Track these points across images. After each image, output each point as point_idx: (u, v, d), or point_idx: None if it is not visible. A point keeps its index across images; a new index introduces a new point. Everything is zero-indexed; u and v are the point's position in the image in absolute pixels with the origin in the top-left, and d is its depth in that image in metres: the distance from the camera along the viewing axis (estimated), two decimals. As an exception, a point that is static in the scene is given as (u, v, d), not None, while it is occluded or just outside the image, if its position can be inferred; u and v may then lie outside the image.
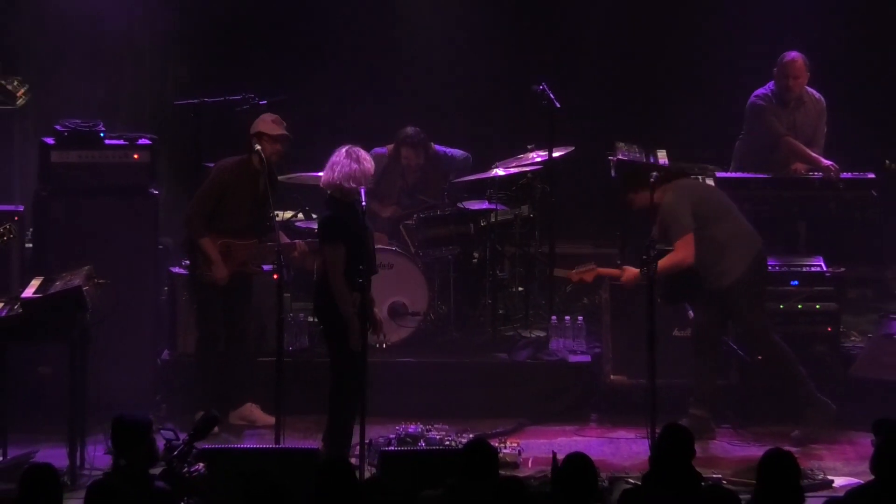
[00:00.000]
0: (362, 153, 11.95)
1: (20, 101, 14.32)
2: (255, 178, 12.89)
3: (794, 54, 14.08)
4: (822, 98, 14.19)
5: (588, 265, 12.90)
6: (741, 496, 8.82)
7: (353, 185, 11.67)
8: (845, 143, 14.34)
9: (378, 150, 14.24)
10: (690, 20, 15.22)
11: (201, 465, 10.02)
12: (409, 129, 14.33)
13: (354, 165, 11.78)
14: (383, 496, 8.64)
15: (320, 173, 13.15)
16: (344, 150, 11.78)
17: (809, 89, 14.16)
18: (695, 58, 15.02)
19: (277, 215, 13.42)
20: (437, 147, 14.47)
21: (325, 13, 15.10)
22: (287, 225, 13.55)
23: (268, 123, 12.86)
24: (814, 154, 14.08)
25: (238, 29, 14.88)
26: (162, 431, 10.23)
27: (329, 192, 11.78)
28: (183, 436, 10.29)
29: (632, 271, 12.66)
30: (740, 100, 14.28)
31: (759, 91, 14.20)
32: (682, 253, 12.41)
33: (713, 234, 12.57)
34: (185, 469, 9.78)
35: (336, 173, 11.67)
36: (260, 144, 12.81)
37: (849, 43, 15.01)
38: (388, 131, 14.36)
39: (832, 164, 14.05)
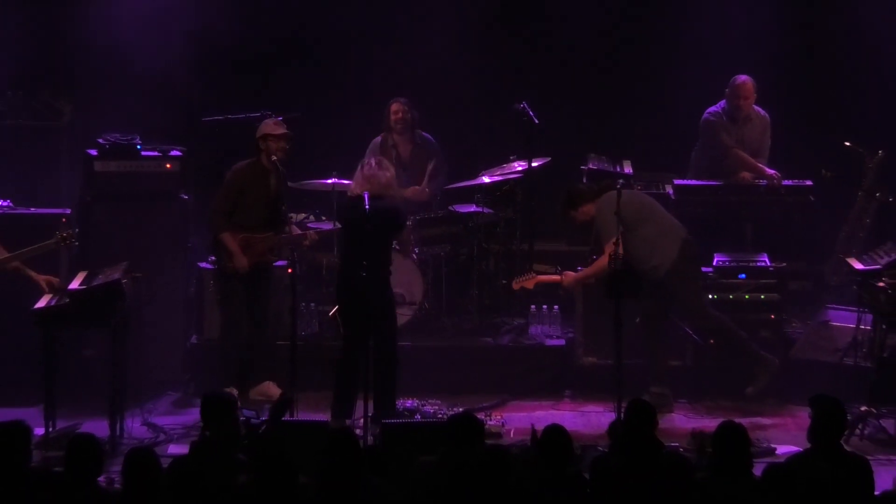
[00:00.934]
0: (365, 163, 12.15)
1: (65, 118, 14.33)
2: (267, 177, 12.95)
3: (744, 77, 14.10)
4: (767, 115, 14.23)
5: (528, 275, 12.99)
6: (696, 462, 8.93)
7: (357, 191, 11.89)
8: (787, 154, 14.33)
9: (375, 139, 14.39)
10: (653, 47, 15.17)
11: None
12: (400, 98, 14.38)
13: (357, 173, 12.00)
14: (383, 462, 8.67)
15: (328, 180, 13.34)
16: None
17: (756, 107, 14.20)
18: (657, 80, 14.97)
19: (292, 217, 13.48)
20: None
21: (331, 41, 15.07)
22: (300, 225, 13.55)
23: (270, 125, 12.94)
24: (759, 164, 14.12)
25: (256, 56, 14.87)
26: (244, 411, 10.25)
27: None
28: (264, 416, 10.36)
29: (570, 275, 12.75)
30: (695, 116, 14.29)
31: (712, 109, 14.22)
32: (602, 263, 12.45)
33: (642, 235, 12.59)
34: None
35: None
36: (265, 145, 12.88)
37: (789, 68, 14.98)
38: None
39: (775, 173, 14.09)
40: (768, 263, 13.60)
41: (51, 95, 14.37)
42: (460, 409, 11.52)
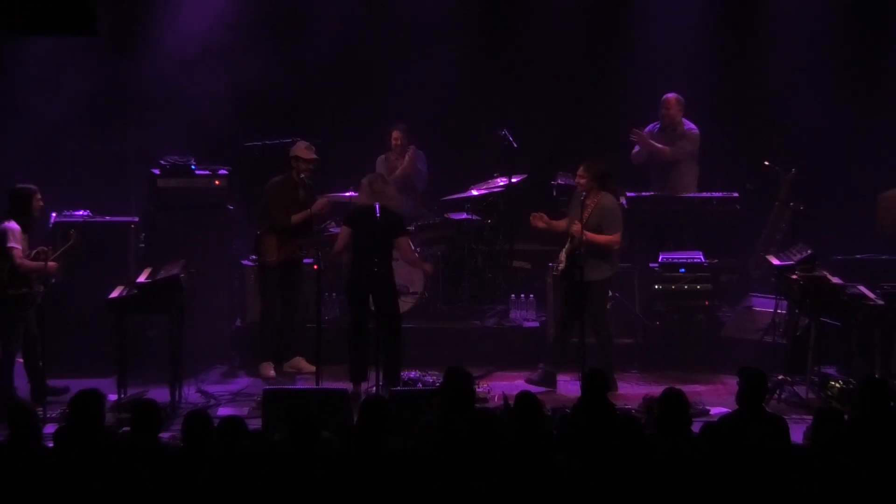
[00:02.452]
0: (373, 179, 12.38)
1: (133, 144, 14.33)
2: (296, 189, 12.95)
3: (669, 94, 14.15)
4: (696, 128, 14.19)
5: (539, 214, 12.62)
6: (644, 421, 8.94)
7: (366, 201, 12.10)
8: (718, 171, 14.33)
9: (380, 157, 14.39)
10: (613, 80, 15.11)
11: None
12: (399, 123, 14.36)
13: (364, 185, 12.34)
14: (392, 421, 8.67)
15: (345, 193, 13.35)
16: None
17: (686, 121, 14.19)
18: (613, 111, 14.95)
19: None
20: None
21: (346, 79, 15.06)
22: (322, 229, 13.55)
23: (301, 149, 12.94)
24: (658, 146, 14.06)
25: (287, 92, 14.85)
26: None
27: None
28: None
29: (579, 228, 12.15)
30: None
31: (647, 127, 14.29)
32: (614, 240, 12.24)
33: None
34: None
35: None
36: (296, 164, 12.90)
37: (721, 100, 14.96)
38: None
39: (665, 149, 14.03)
40: (703, 260, 13.56)
41: (121, 126, 14.37)
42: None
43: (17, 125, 14.00)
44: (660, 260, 13.60)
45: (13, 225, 11.79)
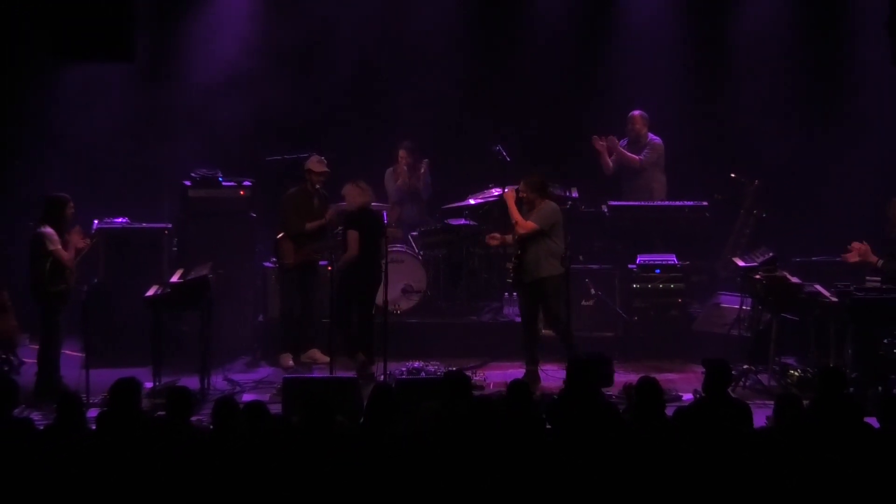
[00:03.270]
0: (364, 188, 12.55)
1: (165, 159, 14.34)
2: (310, 198, 12.95)
3: (634, 112, 14.20)
4: (660, 140, 14.20)
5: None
6: (623, 406, 8.95)
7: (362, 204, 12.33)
8: (689, 182, 14.36)
9: (388, 169, 14.43)
10: (594, 99, 15.08)
11: None
12: (405, 141, 14.39)
13: (355, 191, 12.48)
14: (397, 406, 8.68)
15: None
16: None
17: (651, 135, 14.20)
18: (597, 125, 14.85)
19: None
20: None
21: (357, 98, 15.03)
22: (335, 235, 13.54)
23: (314, 162, 12.94)
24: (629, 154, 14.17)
25: (304, 111, 14.84)
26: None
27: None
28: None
29: (510, 196, 12.19)
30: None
31: (620, 141, 14.31)
32: (527, 228, 12.02)
33: (552, 243, 12.18)
34: None
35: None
36: (309, 176, 12.90)
37: (692, 118, 14.98)
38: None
39: (639, 158, 14.12)
40: (676, 262, 13.56)
41: (156, 143, 14.37)
42: (454, 368, 11.53)
43: (65, 142, 14.02)
44: (637, 262, 13.60)
45: (49, 230, 11.85)
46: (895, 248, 12.21)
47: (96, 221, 13.29)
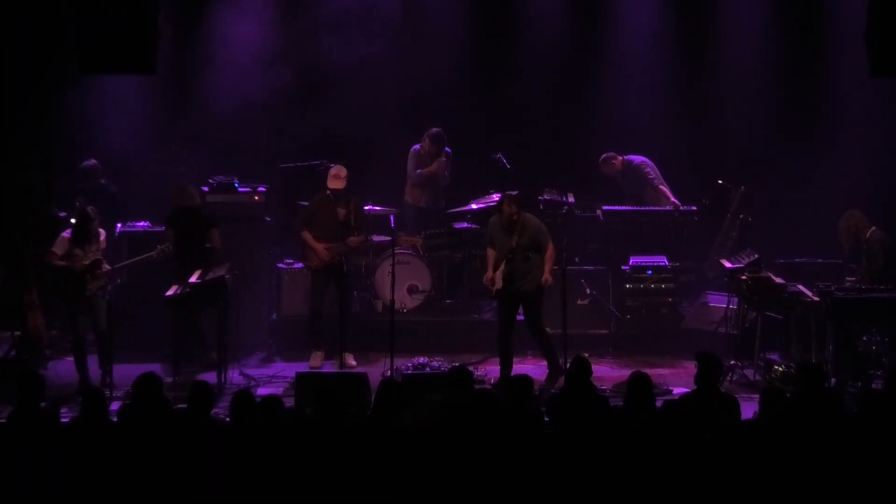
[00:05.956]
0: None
1: (185, 165, 14.31)
2: (332, 205, 12.82)
3: (602, 157, 14.19)
4: (641, 160, 14.16)
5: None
6: (617, 400, 8.95)
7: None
8: (679, 188, 14.30)
9: (415, 146, 14.30)
10: (587, 110, 15.05)
11: None
12: (433, 129, 14.19)
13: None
14: (404, 399, 8.68)
15: (365, 207, 13.27)
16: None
17: (630, 157, 14.19)
18: (593, 134, 14.94)
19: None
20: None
21: (367, 116, 14.97)
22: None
23: (330, 178, 12.82)
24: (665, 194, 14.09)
25: (318, 120, 14.78)
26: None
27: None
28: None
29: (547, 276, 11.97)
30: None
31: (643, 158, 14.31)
32: (552, 252, 11.96)
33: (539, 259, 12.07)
34: None
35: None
36: (329, 188, 12.85)
37: (681, 127, 14.95)
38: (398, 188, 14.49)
39: (675, 202, 13.99)
40: (667, 263, 13.58)
41: (177, 151, 14.37)
42: (457, 364, 11.53)
43: (92, 151, 14.00)
44: (630, 263, 13.61)
45: (66, 234, 11.92)
46: (861, 257, 12.23)
47: (119, 225, 13.29)
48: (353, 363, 12.52)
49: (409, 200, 14.29)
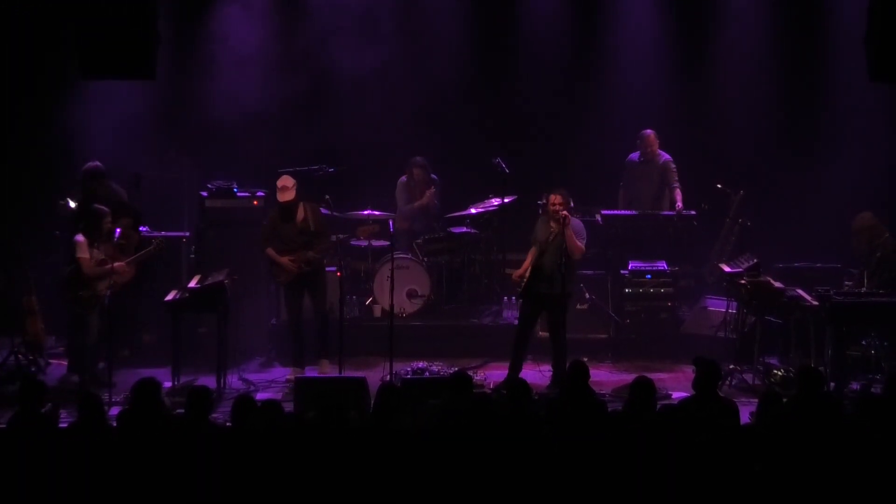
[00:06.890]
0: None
1: (184, 171, 14.30)
2: (288, 215, 12.57)
3: (646, 131, 14.12)
4: (669, 157, 14.09)
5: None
6: (617, 406, 8.94)
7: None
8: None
9: (402, 178, 14.28)
10: (587, 116, 15.05)
11: None
12: (418, 158, 14.22)
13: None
14: (404, 403, 8.67)
15: (363, 211, 13.23)
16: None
17: (661, 152, 14.14)
18: (590, 141, 14.94)
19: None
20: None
21: (365, 123, 15.00)
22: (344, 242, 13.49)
23: (277, 191, 12.55)
24: (676, 195, 13.92)
25: (315, 127, 14.80)
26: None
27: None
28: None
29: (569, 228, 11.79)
30: (616, 166, 14.39)
31: (629, 156, 14.29)
32: (582, 251, 11.89)
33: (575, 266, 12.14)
34: None
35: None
36: (279, 201, 12.58)
37: (681, 134, 14.92)
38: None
39: (680, 206, 13.83)
40: (666, 268, 13.57)
41: (175, 155, 14.37)
42: (456, 368, 11.52)
43: (93, 155, 13.98)
44: (629, 267, 13.60)
45: (80, 237, 11.86)
46: (872, 262, 12.20)
47: (118, 230, 13.27)
48: (328, 370, 12.43)
49: (400, 228, 13.86)
